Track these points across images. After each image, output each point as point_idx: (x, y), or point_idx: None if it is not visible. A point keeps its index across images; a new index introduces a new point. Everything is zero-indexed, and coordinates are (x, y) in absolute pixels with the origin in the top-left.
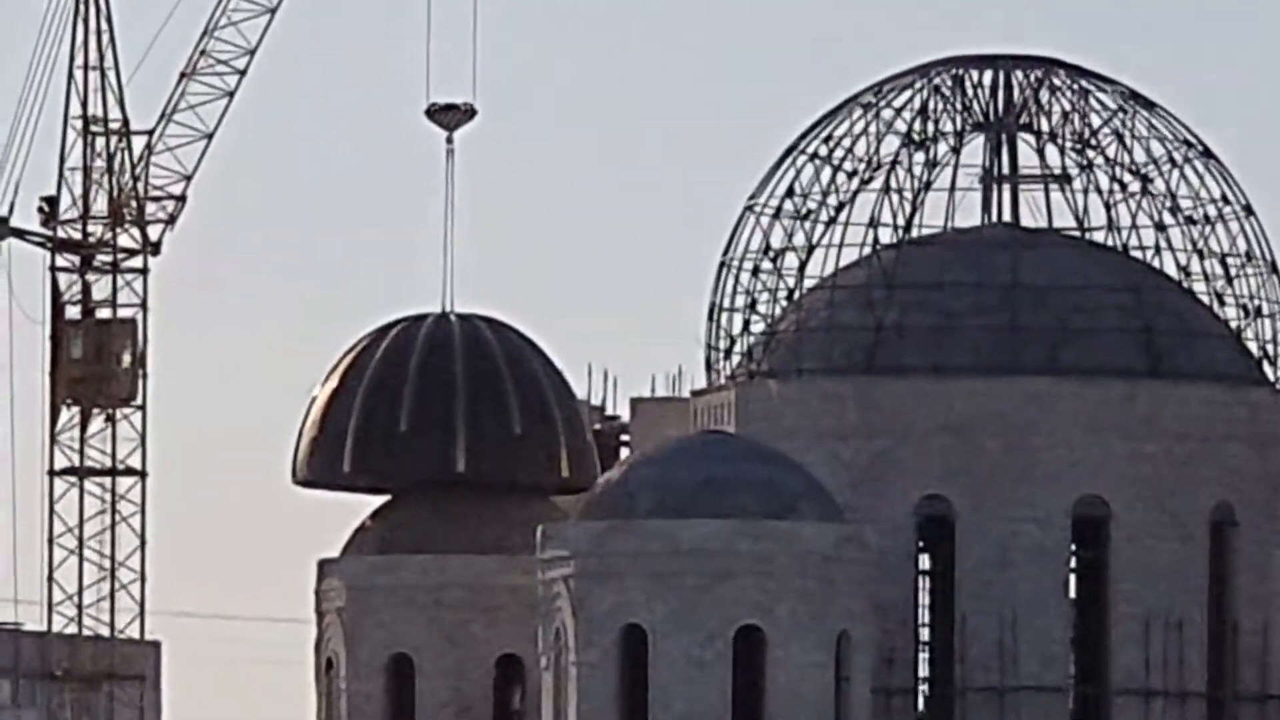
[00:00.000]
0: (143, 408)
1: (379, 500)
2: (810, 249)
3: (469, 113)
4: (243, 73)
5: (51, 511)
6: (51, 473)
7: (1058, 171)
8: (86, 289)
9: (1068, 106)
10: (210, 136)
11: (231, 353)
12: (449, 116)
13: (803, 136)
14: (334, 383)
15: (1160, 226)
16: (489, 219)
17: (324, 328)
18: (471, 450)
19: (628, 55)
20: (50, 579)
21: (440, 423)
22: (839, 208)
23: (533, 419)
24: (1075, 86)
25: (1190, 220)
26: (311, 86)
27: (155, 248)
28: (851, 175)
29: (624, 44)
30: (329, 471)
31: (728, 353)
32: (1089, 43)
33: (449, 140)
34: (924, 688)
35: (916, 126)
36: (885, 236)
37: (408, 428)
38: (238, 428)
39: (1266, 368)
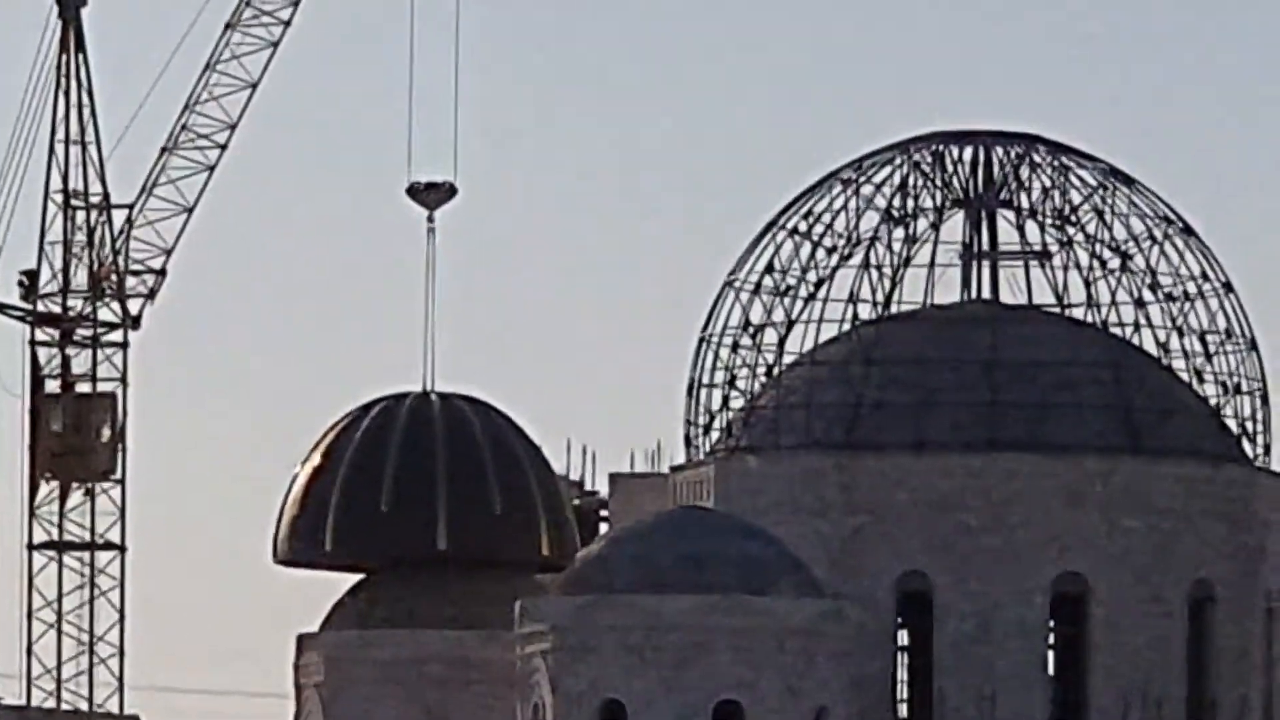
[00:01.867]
0: (122, 481)
1: (360, 577)
2: (790, 325)
3: (450, 191)
4: (224, 147)
5: (30, 585)
6: (30, 546)
7: (1037, 248)
8: (66, 363)
9: (1048, 183)
10: (191, 210)
11: (211, 427)
12: (430, 195)
13: (782, 212)
14: (315, 461)
15: (1140, 303)
16: (470, 297)
17: (304, 405)
18: (453, 529)
19: (607, 133)
20: (29, 653)
21: (421, 502)
22: (818, 284)
23: (513, 498)
24: (1055, 163)
25: (1170, 297)
26: (292, 162)
27: (135, 321)
28: (831, 251)
29: (603, 122)
30: (310, 550)
31: (707, 428)
32: (1069, 119)
33: (430, 219)
34: None
35: (896, 202)
36: (865, 312)
37: (389, 506)
38: (217, 502)
39: (1245, 445)
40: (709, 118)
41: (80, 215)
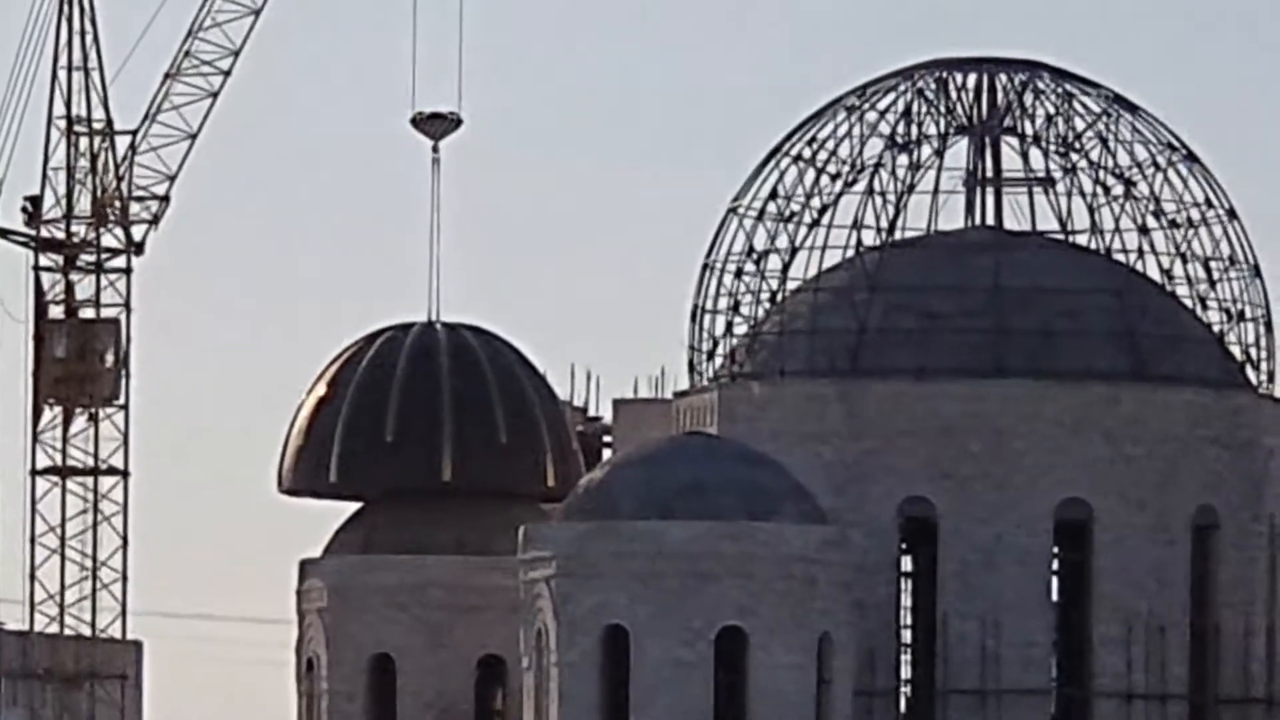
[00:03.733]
0: (125, 407)
1: (363, 505)
2: (793, 251)
3: (455, 122)
4: (227, 73)
5: (34, 511)
6: (34, 472)
7: (1041, 175)
8: (70, 289)
9: (1052, 110)
10: (194, 137)
11: (214, 354)
12: (435, 125)
13: (786, 139)
14: (320, 391)
15: (1144, 230)
16: (474, 226)
17: (307, 330)
18: (457, 459)
19: (611, 61)
20: (32, 578)
21: (426, 432)
22: (822, 210)
23: (518, 428)
24: (1059, 90)
25: (1174, 224)
26: (296, 91)
27: (139, 248)
28: (835, 178)
29: (607, 51)
30: (314, 481)
31: (710, 355)
32: (1073, 46)
33: (435, 149)
34: (906, 690)
35: (900, 129)
36: (869, 239)
37: (394, 437)
38: (220, 428)
39: (1249, 371)
40: (713, 44)
41: (83, 141)
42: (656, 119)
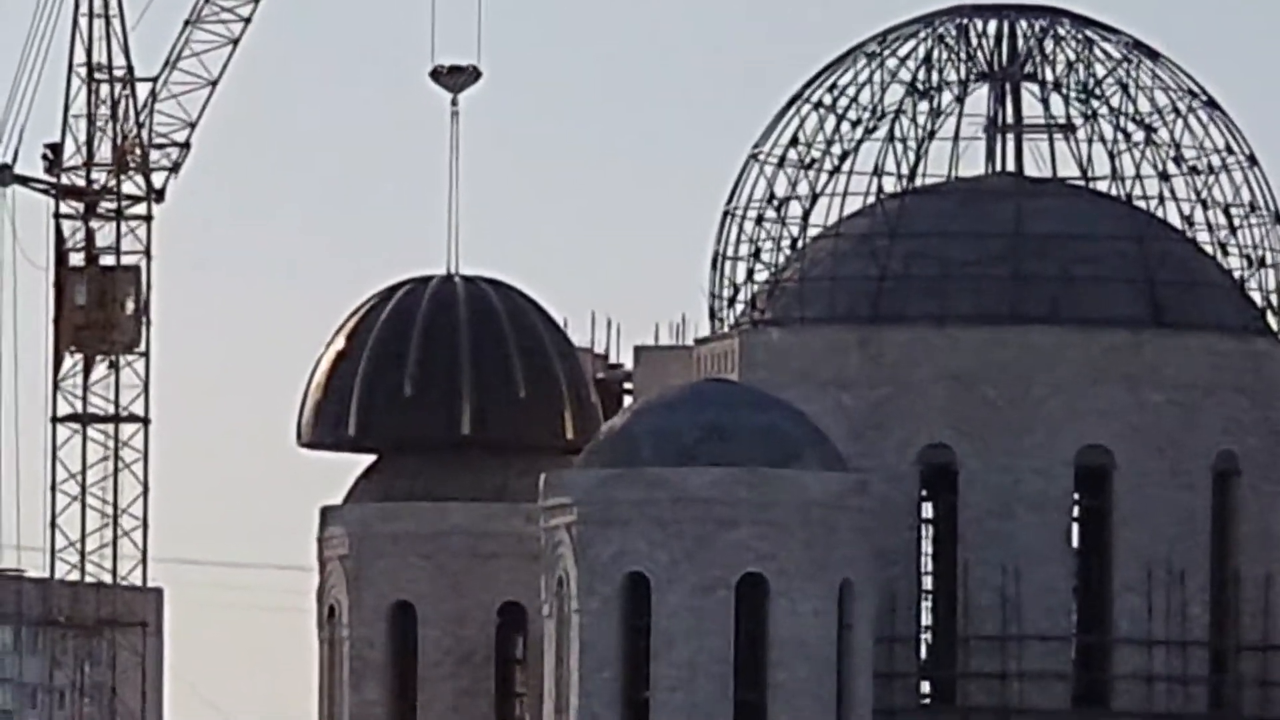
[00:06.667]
0: (146, 355)
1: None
2: (814, 198)
3: (474, 75)
4: (247, 21)
5: (54, 458)
6: (54, 419)
7: (1062, 121)
8: (90, 236)
9: (1072, 56)
10: (214, 84)
11: (234, 302)
12: (454, 79)
13: (807, 85)
14: (339, 345)
15: (1164, 176)
16: (494, 179)
17: (326, 280)
18: (476, 413)
19: (631, 10)
20: (53, 526)
21: (445, 386)
22: (843, 157)
23: (537, 382)
24: (1080, 36)
25: (1194, 170)
26: (317, 41)
27: (159, 195)
28: (856, 124)
29: (627, 2)
30: (333, 434)
31: (731, 301)
32: None
33: (454, 103)
34: (926, 636)
35: (921, 76)
36: (889, 186)
37: (413, 390)
38: (241, 376)
39: (1270, 318)
40: None
41: (104, 89)
42: (677, 67)
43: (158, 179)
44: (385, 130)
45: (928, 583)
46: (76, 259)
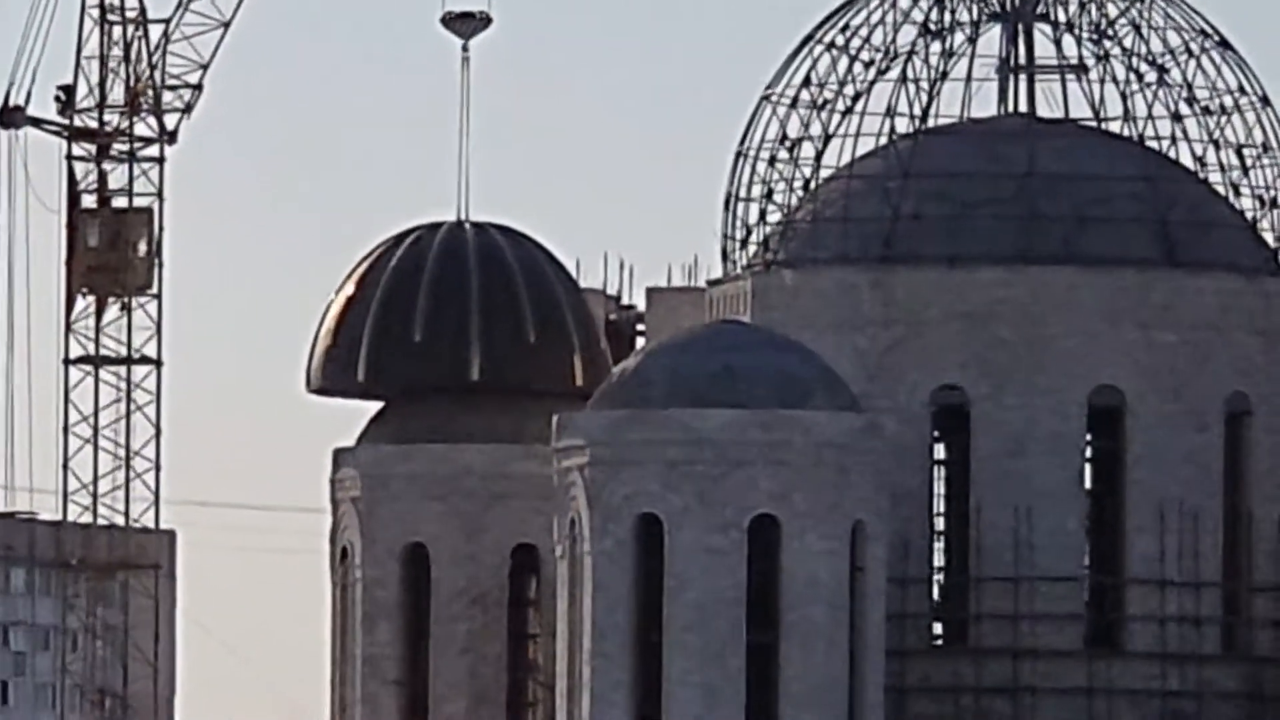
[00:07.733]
0: (158, 296)
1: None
2: (826, 139)
3: (484, 20)
4: None
5: (67, 400)
6: (67, 361)
7: (1074, 62)
8: (103, 178)
9: None
10: (227, 25)
11: (246, 244)
12: (464, 24)
13: (819, 26)
14: (348, 291)
15: (1176, 117)
16: (505, 125)
17: (336, 224)
18: (486, 358)
19: None
20: (65, 468)
21: (455, 332)
22: (855, 97)
23: (546, 327)
24: None
25: (1206, 111)
26: None
27: (172, 137)
28: (868, 65)
29: None
30: (343, 380)
31: (744, 243)
32: None
33: (464, 48)
34: (939, 577)
35: (933, 16)
36: (902, 126)
37: (422, 336)
38: (252, 318)
39: None
40: None
41: (117, 30)
42: (688, 9)
43: (170, 120)
44: (396, 76)
45: (940, 524)
46: (89, 201)
